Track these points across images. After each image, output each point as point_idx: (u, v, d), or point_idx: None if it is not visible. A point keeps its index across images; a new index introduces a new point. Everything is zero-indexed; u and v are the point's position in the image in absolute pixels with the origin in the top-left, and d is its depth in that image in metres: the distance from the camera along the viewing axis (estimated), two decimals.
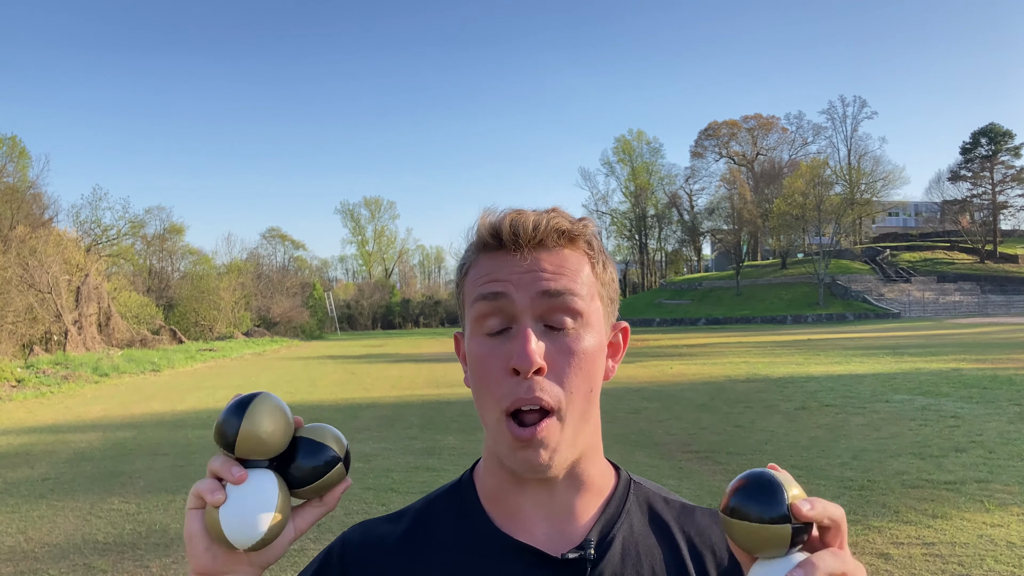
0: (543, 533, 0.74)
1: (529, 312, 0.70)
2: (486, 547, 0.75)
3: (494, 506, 0.77)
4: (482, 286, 0.72)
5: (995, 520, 5.01)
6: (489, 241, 0.73)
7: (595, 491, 0.77)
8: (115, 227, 42.10)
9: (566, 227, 0.72)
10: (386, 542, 0.79)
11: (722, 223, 70.00)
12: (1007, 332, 28.43)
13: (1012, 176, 64.33)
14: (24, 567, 4.80)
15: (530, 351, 0.67)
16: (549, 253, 0.72)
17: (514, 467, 0.71)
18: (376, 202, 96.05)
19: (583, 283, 0.72)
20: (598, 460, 0.78)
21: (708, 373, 16.17)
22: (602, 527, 0.75)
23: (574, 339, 0.70)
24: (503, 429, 0.70)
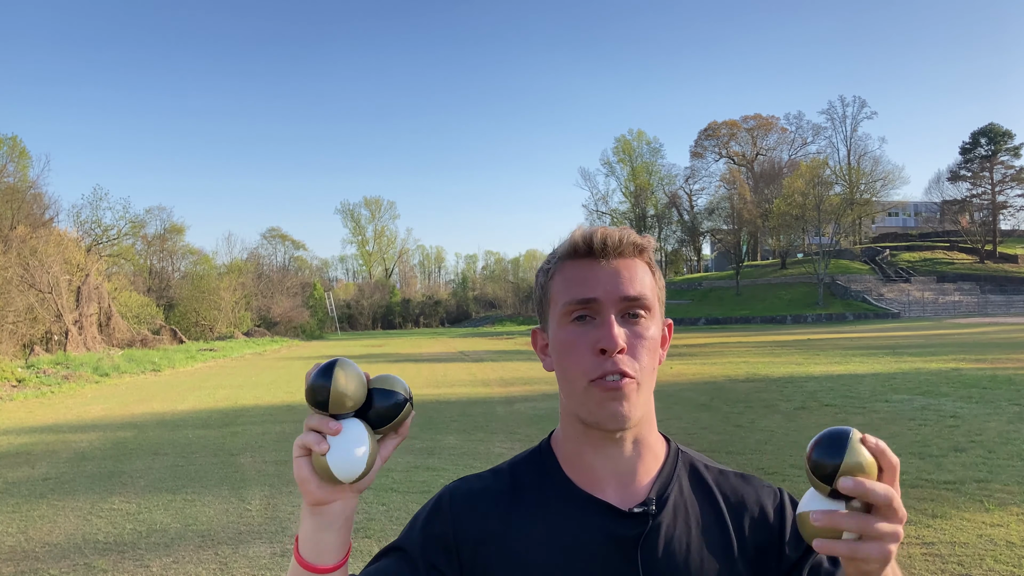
0: (612, 491, 0.91)
1: (613, 308, 0.87)
2: (568, 502, 0.91)
3: (571, 468, 0.94)
4: (573, 291, 0.89)
5: (995, 520, 5.01)
6: (580, 248, 0.90)
7: (652, 456, 0.94)
8: (115, 227, 42.12)
9: (640, 242, 0.91)
10: (485, 494, 0.96)
11: (722, 223, 70.00)
12: (1007, 332, 28.44)
13: (1012, 176, 64.36)
14: (25, 567, 4.81)
15: (615, 335, 0.85)
16: (627, 261, 0.90)
17: (600, 419, 0.87)
18: (376, 202, 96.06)
19: (649, 287, 0.91)
20: (654, 430, 0.96)
21: (708, 373, 16.18)
22: (659, 487, 0.92)
23: (645, 328, 0.89)
24: (592, 391, 0.86)
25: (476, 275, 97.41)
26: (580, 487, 0.92)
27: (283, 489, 6.61)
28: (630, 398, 0.86)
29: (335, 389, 0.81)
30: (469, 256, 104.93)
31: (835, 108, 76.94)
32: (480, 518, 0.93)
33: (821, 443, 0.75)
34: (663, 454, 0.96)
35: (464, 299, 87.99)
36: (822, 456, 0.74)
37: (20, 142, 42.20)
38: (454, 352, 29.50)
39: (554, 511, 0.91)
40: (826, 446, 0.74)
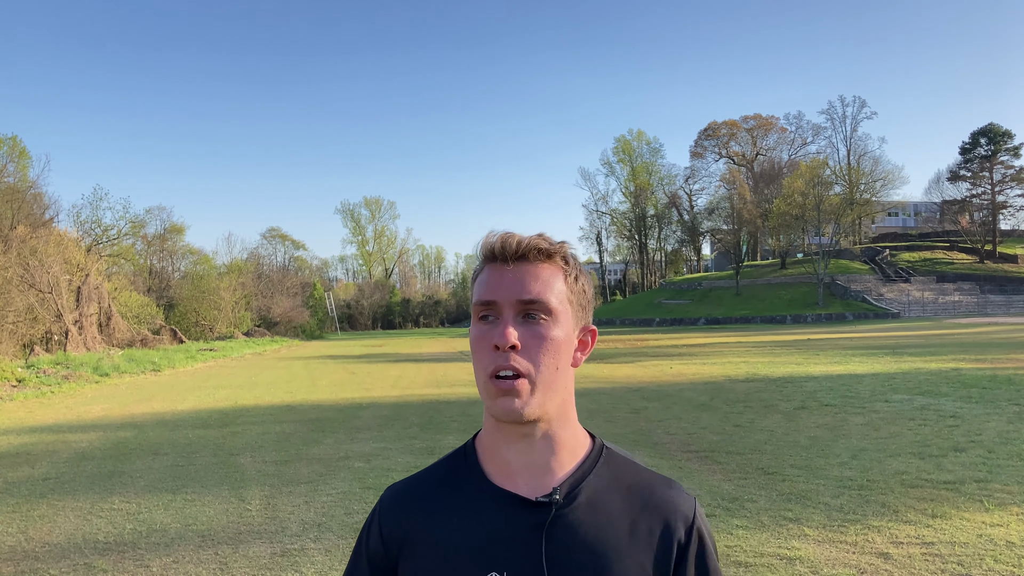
0: (524, 483, 0.97)
1: (510, 310, 0.94)
2: (482, 494, 0.98)
3: (489, 463, 1.00)
4: (480, 292, 0.96)
5: (994, 520, 5.01)
6: (487, 254, 0.97)
7: (568, 451, 0.99)
8: (115, 227, 42.05)
9: (545, 247, 0.96)
10: (412, 493, 1.04)
11: (722, 223, 69.97)
12: (1006, 332, 28.44)
13: (1011, 176, 64.36)
14: (25, 567, 4.81)
15: (507, 333, 0.92)
16: (530, 266, 0.95)
17: (496, 413, 0.94)
18: (376, 202, 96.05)
19: (555, 291, 0.95)
20: (570, 426, 1.00)
21: (708, 373, 16.18)
22: (572, 481, 0.97)
23: (545, 329, 0.94)
24: (489, 385, 0.93)
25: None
26: (494, 481, 0.98)
27: (283, 489, 6.62)
28: (522, 396, 0.92)
29: None
30: (469, 256, 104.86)
31: (835, 108, 76.95)
32: (405, 517, 1.01)
33: None
34: (584, 451, 1.01)
35: (464, 299, 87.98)
36: None
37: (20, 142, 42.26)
38: (454, 352, 29.49)
39: (470, 504, 0.98)
40: None
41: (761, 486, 6.12)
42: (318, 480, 6.90)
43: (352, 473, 7.17)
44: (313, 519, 5.59)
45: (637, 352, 24.88)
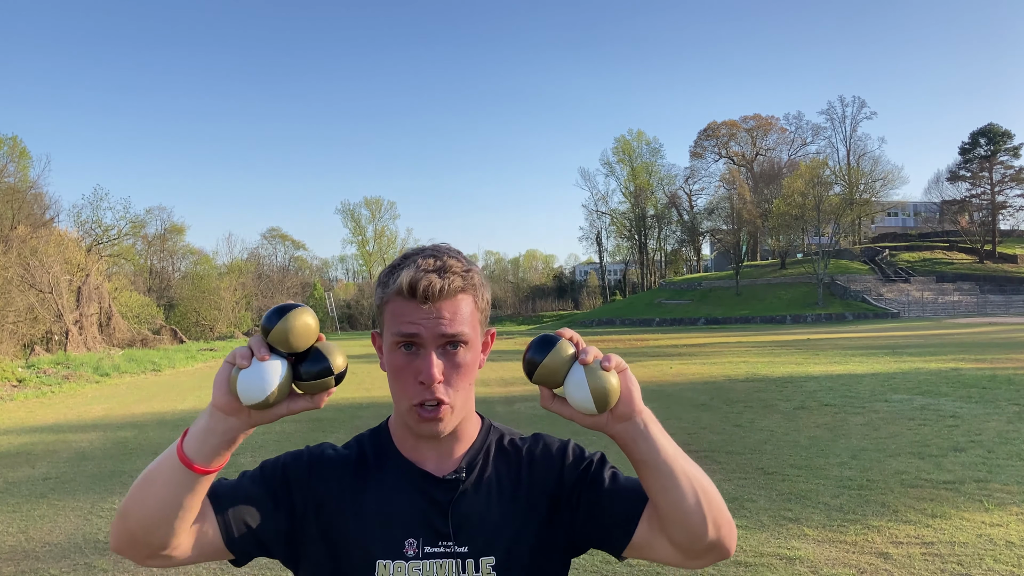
0: (433, 463, 1.12)
1: (433, 343, 1.02)
2: (397, 470, 1.12)
3: (403, 445, 1.14)
4: (401, 326, 1.02)
5: (994, 519, 5.02)
6: (405, 293, 1.02)
7: (467, 439, 1.14)
8: (116, 227, 42.08)
9: (460, 284, 1.03)
10: (336, 462, 1.14)
11: (721, 223, 69.98)
12: (1006, 332, 28.44)
13: (1011, 176, 64.37)
14: (25, 566, 4.81)
15: (433, 371, 1.01)
16: (447, 302, 1.02)
17: (420, 433, 1.07)
18: (376, 202, 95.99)
19: (468, 319, 1.04)
20: (470, 420, 1.14)
21: (707, 373, 16.18)
22: (469, 458, 1.13)
23: (462, 358, 1.05)
24: (413, 413, 1.04)
25: None
26: (408, 459, 1.12)
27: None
28: (444, 420, 1.05)
29: (279, 327, 0.91)
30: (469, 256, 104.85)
31: (835, 108, 76.98)
32: (328, 481, 1.12)
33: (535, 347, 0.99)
34: (475, 433, 1.16)
35: None
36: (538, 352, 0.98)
37: (20, 142, 42.27)
38: None
39: (386, 478, 1.11)
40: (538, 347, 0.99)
41: (761, 486, 6.12)
42: None
43: None
44: None
45: (637, 352, 24.88)
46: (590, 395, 0.94)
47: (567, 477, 1.12)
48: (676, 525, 1.01)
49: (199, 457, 0.95)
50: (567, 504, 1.11)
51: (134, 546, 0.99)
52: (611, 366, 0.96)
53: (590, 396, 0.94)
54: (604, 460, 1.15)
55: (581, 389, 0.95)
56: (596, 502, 1.10)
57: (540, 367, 0.96)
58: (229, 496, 1.08)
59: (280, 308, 0.92)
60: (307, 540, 1.10)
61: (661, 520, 1.03)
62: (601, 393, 0.94)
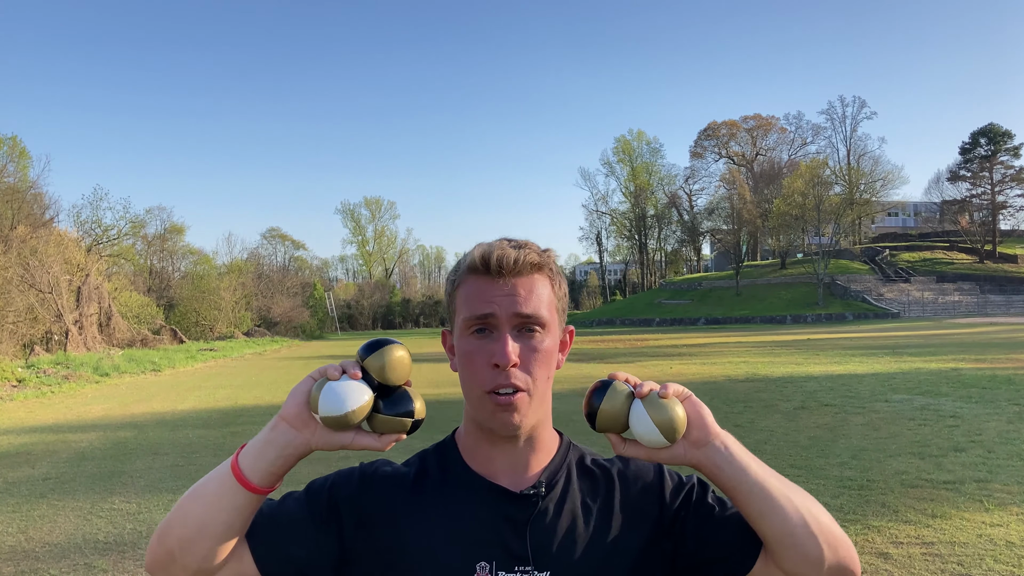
0: (507, 478, 1.01)
1: (508, 324, 0.95)
2: (468, 487, 1.02)
3: (471, 459, 1.04)
4: (473, 306, 0.96)
5: (994, 519, 5.01)
6: (479, 268, 0.96)
7: (545, 450, 1.04)
8: (116, 227, 42.05)
9: (537, 260, 0.98)
10: (394, 479, 1.05)
11: (722, 223, 69.95)
12: (1006, 332, 28.43)
13: (1011, 176, 64.33)
14: (25, 566, 4.81)
15: (508, 351, 0.93)
16: (523, 279, 0.96)
17: (493, 427, 0.97)
18: (376, 202, 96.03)
19: (546, 301, 0.97)
20: (548, 428, 1.05)
21: (708, 373, 16.18)
22: (549, 474, 1.02)
23: (539, 342, 0.96)
24: (486, 401, 0.96)
25: None
26: (478, 473, 1.02)
27: (283, 490, 6.60)
28: (520, 410, 0.95)
29: (378, 356, 0.91)
30: None
31: (835, 108, 76.93)
32: (385, 497, 1.03)
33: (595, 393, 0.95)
34: (555, 448, 1.06)
35: None
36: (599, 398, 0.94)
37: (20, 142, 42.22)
38: None
39: (455, 495, 1.01)
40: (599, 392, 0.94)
41: None
42: None
43: None
44: None
45: (637, 352, 24.88)
46: (655, 427, 0.90)
47: (668, 503, 1.03)
48: (788, 553, 0.92)
49: (254, 473, 0.90)
50: (669, 533, 1.01)
51: (171, 566, 0.92)
52: (669, 393, 0.91)
53: (655, 428, 0.90)
54: (706, 485, 1.05)
55: (645, 423, 0.91)
56: (706, 534, 1.00)
57: (600, 414, 0.93)
58: (269, 520, 0.99)
59: (379, 341, 0.92)
60: (359, 567, 1.00)
61: (771, 551, 0.94)
62: (666, 423, 0.90)
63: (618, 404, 0.93)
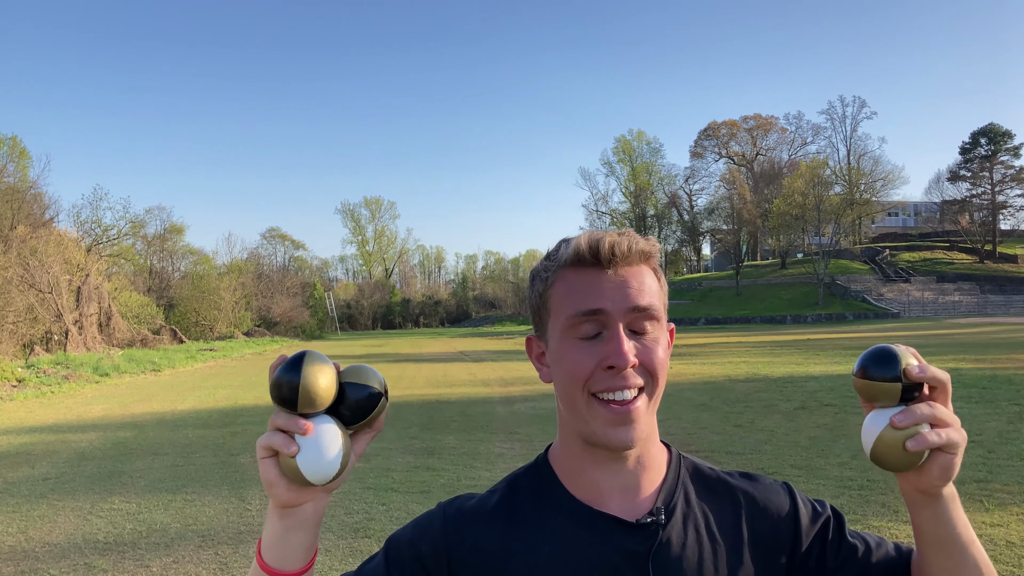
0: (617, 504, 0.88)
1: (622, 320, 0.82)
2: (572, 517, 0.87)
3: (572, 483, 0.90)
4: (580, 301, 0.83)
5: (995, 520, 5.01)
6: (585, 256, 0.84)
7: (655, 468, 0.91)
8: (115, 227, 42.11)
9: (647, 249, 0.86)
10: (481, 514, 0.91)
11: (722, 223, 69.97)
12: (1006, 332, 28.43)
13: (1011, 176, 64.31)
14: (25, 566, 4.81)
15: (625, 351, 0.81)
16: (633, 269, 0.85)
17: (605, 443, 0.83)
18: (376, 202, 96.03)
19: (656, 295, 0.86)
20: (656, 442, 0.92)
21: (708, 373, 16.17)
22: (665, 497, 0.89)
23: (653, 340, 0.85)
24: (596, 408, 0.83)
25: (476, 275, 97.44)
26: (583, 502, 0.88)
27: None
28: (639, 419, 0.83)
29: (305, 386, 0.75)
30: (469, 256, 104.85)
31: (835, 108, 76.98)
32: (476, 538, 0.88)
33: (874, 359, 0.81)
34: (665, 463, 0.93)
35: (464, 299, 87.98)
36: (882, 366, 0.80)
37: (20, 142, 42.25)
38: (454, 352, 29.49)
39: (557, 528, 0.87)
40: (881, 358, 0.80)
41: None
42: None
43: (352, 473, 7.14)
44: None
45: None
46: (877, 444, 0.79)
47: (804, 536, 0.91)
48: None
49: (290, 561, 0.80)
50: (803, 568, 0.90)
51: None
52: (933, 442, 0.76)
53: (876, 442, 0.79)
54: (841, 518, 0.94)
55: (870, 434, 0.80)
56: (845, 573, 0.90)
57: (864, 383, 0.80)
58: None
59: (290, 366, 0.77)
60: None
61: None
62: (893, 457, 0.78)
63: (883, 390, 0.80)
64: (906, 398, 0.79)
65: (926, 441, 0.76)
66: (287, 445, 0.76)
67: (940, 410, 0.78)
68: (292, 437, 0.76)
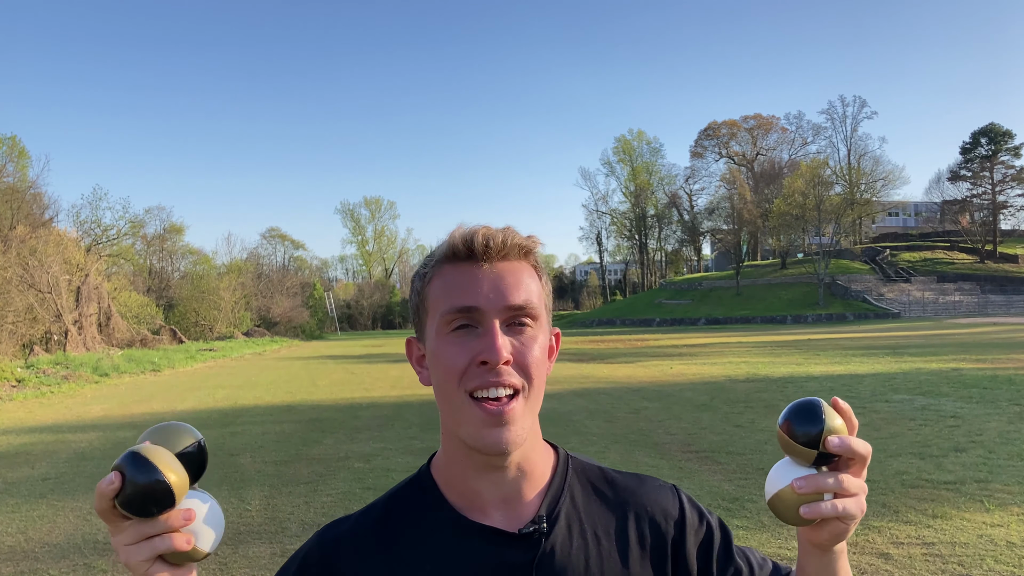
0: (500, 515, 0.85)
1: (496, 317, 0.79)
2: (452, 532, 0.84)
3: (454, 494, 0.86)
4: (454, 297, 0.80)
5: (995, 520, 5.00)
6: (460, 250, 0.81)
7: (538, 475, 0.87)
8: (115, 227, 42.06)
9: (525, 244, 0.83)
10: (358, 536, 0.88)
11: (722, 223, 69.98)
12: (1007, 332, 28.43)
13: (1012, 176, 64.34)
14: (24, 567, 4.80)
15: (499, 346, 0.77)
16: (511, 264, 0.82)
17: (480, 446, 0.79)
18: (376, 202, 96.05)
19: (536, 294, 0.83)
20: (539, 446, 0.88)
21: (708, 373, 16.17)
22: (549, 503, 0.86)
23: (530, 339, 0.81)
24: (471, 409, 0.79)
25: None
26: (464, 514, 0.85)
27: (283, 489, 6.61)
28: (515, 421, 0.78)
29: (172, 480, 0.72)
30: None
31: (835, 108, 76.92)
32: (355, 564, 0.85)
33: (799, 414, 0.79)
34: (551, 466, 0.89)
35: None
36: (804, 425, 0.78)
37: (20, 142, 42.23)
38: None
39: (439, 544, 0.84)
40: (804, 416, 0.79)
41: (762, 486, 6.10)
42: (318, 480, 6.90)
43: (352, 473, 7.16)
44: (313, 519, 5.58)
45: (637, 352, 24.87)
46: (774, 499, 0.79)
47: (690, 539, 0.90)
48: None
49: None
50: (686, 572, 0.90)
51: None
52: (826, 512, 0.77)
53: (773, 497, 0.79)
54: (728, 533, 0.94)
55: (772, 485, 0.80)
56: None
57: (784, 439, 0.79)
58: None
59: (141, 469, 0.71)
60: None
61: None
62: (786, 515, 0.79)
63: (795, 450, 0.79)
64: (820, 462, 0.78)
65: (819, 511, 0.76)
66: (185, 542, 0.73)
67: (848, 481, 0.77)
68: (174, 532, 0.73)
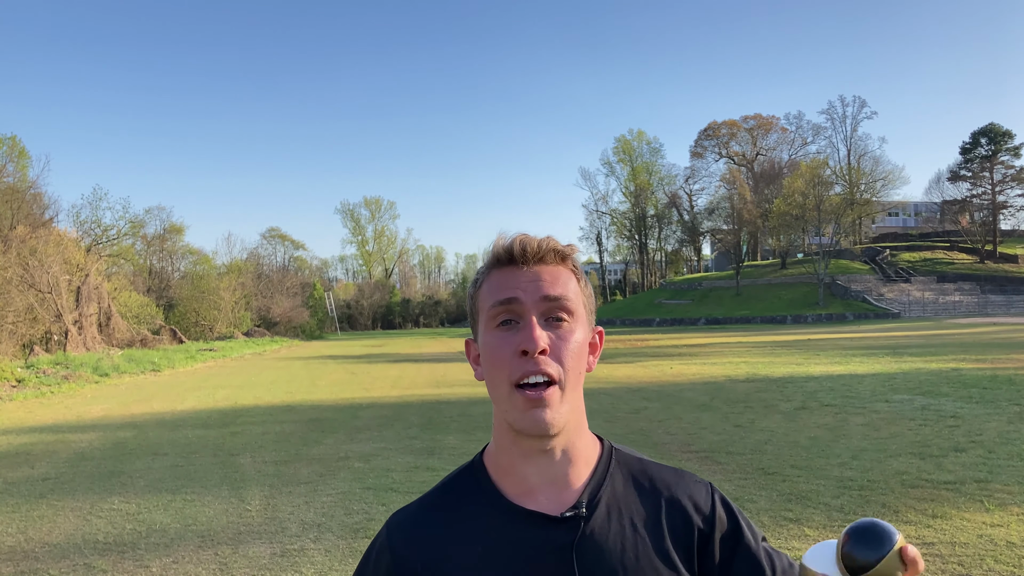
0: (545, 498, 0.92)
1: (534, 310, 0.89)
2: (501, 515, 0.93)
3: (503, 480, 0.95)
4: (497, 293, 0.91)
5: (995, 520, 5.00)
6: (503, 256, 0.93)
7: (584, 461, 0.95)
8: (115, 227, 42.06)
9: (561, 249, 0.94)
10: (421, 521, 0.96)
11: (722, 223, 69.97)
12: (1007, 332, 28.42)
13: (1012, 176, 64.32)
14: (24, 567, 4.80)
15: (536, 336, 0.87)
16: (547, 267, 0.93)
17: (523, 427, 0.88)
18: (376, 202, 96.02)
19: (572, 291, 0.93)
20: (584, 434, 0.97)
21: (708, 373, 16.17)
22: (591, 490, 0.94)
23: (568, 331, 0.91)
24: (515, 396, 0.88)
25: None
26: (511, 499, 0.93)
27: (283, 489, 6.61)
28: (552, 405, 0.87)
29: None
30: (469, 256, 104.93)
31: (835, 108, 76.84)
32: (419, 547, 0.94)
33: (864, 535, 0.77)
34: (595, 456, 0.97)
35: (464, 299, 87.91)
36: (860, 550, 0.76)
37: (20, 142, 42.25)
38: (454, 352, 29.48)
39: (488, 527, 0.92)
40: (868, 541, 0.77)
41: (761, 486, 6.11)
42: (318, 480, 6.90)
43: (352, 473, 7.16)
44: (313, 519, 5.58)
45: (637, 352, 24.87)
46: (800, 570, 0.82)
47: (715, 536, 0.96)
48: None
49: None
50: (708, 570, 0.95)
51: None
52: None
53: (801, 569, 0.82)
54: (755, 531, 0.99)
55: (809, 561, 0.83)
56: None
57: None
58: None
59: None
60: None
61: None
62: None
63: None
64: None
65: None
66: None
67: None
68: None
